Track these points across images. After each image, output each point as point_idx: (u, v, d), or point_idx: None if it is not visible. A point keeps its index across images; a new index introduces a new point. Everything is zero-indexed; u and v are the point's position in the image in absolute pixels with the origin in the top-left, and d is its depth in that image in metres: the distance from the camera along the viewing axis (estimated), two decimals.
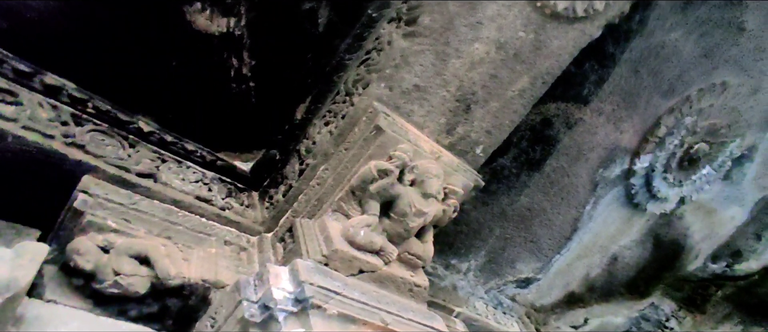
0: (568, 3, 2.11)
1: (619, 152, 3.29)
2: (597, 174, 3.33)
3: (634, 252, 4.08)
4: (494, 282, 3.63)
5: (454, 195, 2.21)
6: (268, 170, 2.42)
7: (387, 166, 2.01)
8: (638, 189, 3.54)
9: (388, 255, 2.07)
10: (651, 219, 3.86)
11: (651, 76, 2.93)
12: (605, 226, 3.74)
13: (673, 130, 3.28)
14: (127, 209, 1.87)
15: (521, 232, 3.44)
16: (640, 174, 3.44)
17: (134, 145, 2.09)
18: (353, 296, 1.87)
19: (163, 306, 1.87)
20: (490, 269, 3.53)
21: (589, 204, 3.49)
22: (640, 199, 3.60)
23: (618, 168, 3.37)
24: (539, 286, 3.88)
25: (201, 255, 1.96)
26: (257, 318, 1.68)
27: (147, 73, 2.14)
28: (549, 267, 3.78)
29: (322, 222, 2.06)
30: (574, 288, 4.04)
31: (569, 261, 3.86)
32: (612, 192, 3.53)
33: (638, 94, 3.02)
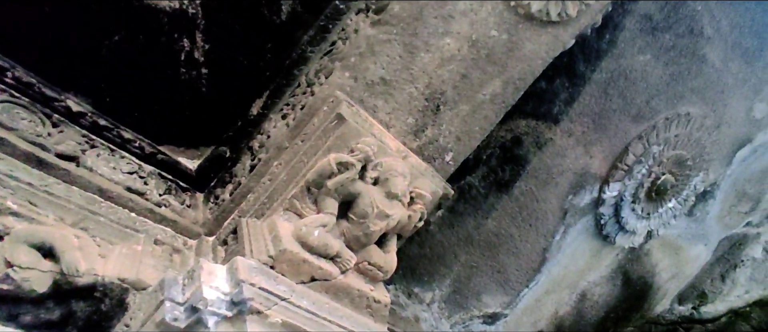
0: (542, 4, 2.04)
1: (589, 178, 3.21)
2: (567, 201, 3.22)
3: (603, 289, 3.94)
4: (459, 316, 3.38)
5: (421, 200, 2.01)
6: (216, 169, 2.18)
7: (348, 158, 1.80)
8: (607, 220, 3.44)
9: (344, 263, 1.82)
10: (620, 254, 3.76)
11: (620, 98, 2.91)
12: (574, 259, 3.60)
13: (641, 158, 3.24)
14: (37, 191, 1.58)
15: (488, 260, 3.25)
16: (610, 203, 3.36)
17: (58, 124, 1.82)
18: (302, 304, 1.60)
19: (68, 311, 1.54)
20: (455, 300, 3.29)
21: (558, 233, 3.36)
22: (609, 231, 3.50)
23: (588, 196, 3.27)
24: (507, 323, 3.64)
25: (123, 252, 1.66)
26: (182, 322, 1.39)
27: (85, 48, 1.90)
28: (517, 302, 3.56)
29: (272, 222, 1.81)
30: (542, 327, 3.83)
31: (538, 297, 3.67)
32: (582, 222, 3.41)
33: (608, 117, 2.97)
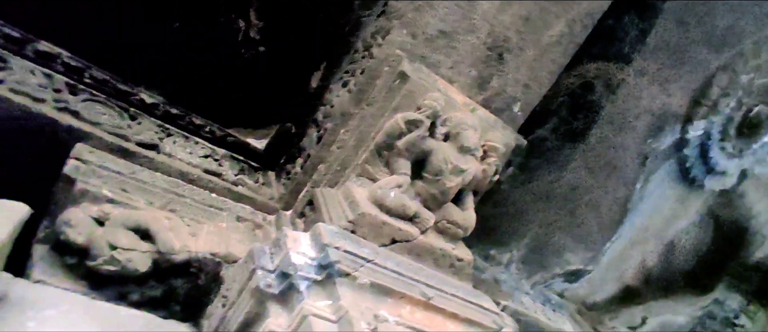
0: None
1: (669, 118, 2.96)
2: (646, 145, 3.00)
3: (692, 236, 3.66)
4: (540, 275, 3.27)
5: (494, 152, 1.93)
6: (284, 146, 2.20)
7: (416, 116, 1.76)
8: (693, 162, 3.18)
9: (423, 223, 1.79)
10: (710, 198, 3.47)
11: (698, 26, 2.64)
12: (659, 207, 3.36)
13: (728, 91, 2.95)
14: (126, 178, 1.66)
15: (567, 216, 3.10)
16: (694, 143, 3.09)
17: (136, 117, 1.90)
18: (387, 265, 1.59)
19: (169, 288, 1.62)
20: (534, 260, 3.18)
21: (639, 181, 3.14)
22: (696, 173, 3.23)
23: (669, 138, 3.03)
24: (590, 280, 3.48)
25: (210, 229, 1.72)
26: (275, 288, 1.41)
27: (148, 40, 1.97)
28: (600, 256, 3.39)
29: (346, 189, 1.80)
30: (628, 280, 3.63)
31: (622, 250, 3.47)
32: (664, 167, 3.17)
33: (685, 50, 2.72)
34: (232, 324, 1.44)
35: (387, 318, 1.44)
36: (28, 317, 1.34)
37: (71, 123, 1.65)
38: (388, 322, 1.43)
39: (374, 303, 1.46)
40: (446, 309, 1.64)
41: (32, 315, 1.35)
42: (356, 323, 1.33)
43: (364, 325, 1.35)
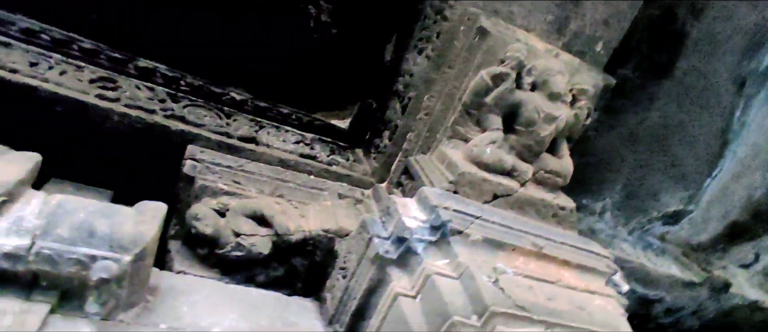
0: None
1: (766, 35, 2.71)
2: (741, 68, 2.77)
3: None
4: (637, 220, 3.13)
5: (584, 95, 1.87)
6: (368, 122, 2.25)
7: (501, 69, 1.73)
8: None
9: (522, 175, 1.78)
10: None
11: None
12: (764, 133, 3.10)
13: None
14: (236, 171, 1.78)
15: (659, 156, 2.94)
16: None
17: (230, 114, 2.02)
18: (494, 220, 1.60)
19: (290, 267, 1.73)
20: (630, 206, 3.05)
21: (737, 108, 2.91)
22: None
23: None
24: (692, 220, 3.30)
25: (317, 209, 1.81)
26: (392, 253, 1.47)
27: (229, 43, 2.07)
28: (700, 194, 3.20)
29: (440, 152, 1.82)
30: (735, 216, 3.39)
31: (724, 185, 3.24)
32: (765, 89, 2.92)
33: None
34: (355, 292, 1.52)
35: (505, 270, 1.45)
36: (181, 302, 1.49)
37: (181, 127, 1.79)
38: (507, 274, 1.45)
39: (489, 257, 1.48)
40: (558, 257, 1.63)
41: (183, 300, 1.50)
42: (478, 276, 1.36)
43: (485, 278, 1.38)
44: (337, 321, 1.56)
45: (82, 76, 1.77)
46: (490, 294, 1.33)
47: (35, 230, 1.20)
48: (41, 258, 1.20)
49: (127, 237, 1.27)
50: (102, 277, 1.23)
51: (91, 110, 1.68)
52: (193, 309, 1.48)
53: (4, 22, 1.76)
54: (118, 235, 1.27)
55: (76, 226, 1.24)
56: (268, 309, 1.61)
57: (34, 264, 1.20)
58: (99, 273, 1.22)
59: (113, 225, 1.28)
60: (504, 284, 1.39)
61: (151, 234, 1.30)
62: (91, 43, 1.87)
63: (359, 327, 1.50)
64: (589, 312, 1.49)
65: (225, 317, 1.50)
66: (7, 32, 1.75)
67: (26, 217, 1.21)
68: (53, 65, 1.74)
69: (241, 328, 1.48)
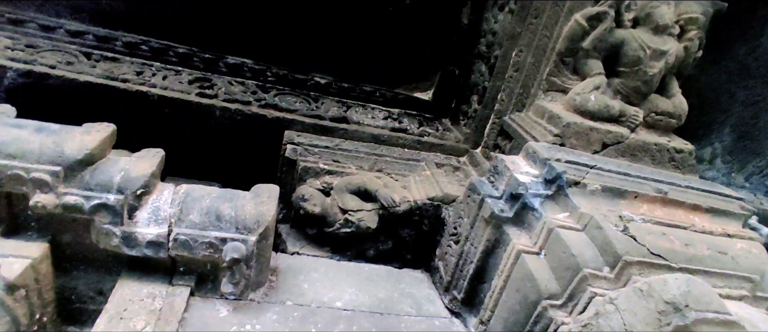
0: None
1: None
2: None
3: None
4: (754, 164, 2.84)
5: (693, 25, 1.70)
6: (452, 89, 2.20)
7: (597, 9, 1.61)
8: None
9: (631, 120, 1.65)
10: None
11: None
12: None
13: None
14: (334, 150, 1.80)
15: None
16: None
17: (317, 98, 2.05)
18: (610, 169, 1.50)
19: (398, 239, 1.73)
20: (744, 148, 2.77)
21: None
22: None
23: None
24: None
25: (417, 179, 1.79)
26: (508, 212, 1.42)
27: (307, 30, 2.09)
28: None
29: (538, 107, 1.74)
30: None
31: None
32: None
33: None
34: (471, 255, 1.49)
35: (632, 218, 1.36)
36: (301, 280, 1.54)
37: (276, 114, 1.83)
38: (635, 221, 1.35)
39: (612, 206, 1.39)
40: (686, 202, 1.50)
41: (303, 278, 1.55)
42: (606, 226, 1.27)
43: (612, 227, 1.29)
44: (455, 287, 1.54)
45: (181, 78, 1.86)
46: (622, 242, 1.25)
47: (171, 218, 1.28)
48: (179, 243, 1.27)
49: (250, 218, 1.32)
50: (234, 257, 1.28)
51: (195, 108, 1.76)
52: (313, 286, 1.52)
53: (109, 39, 1.90)
54: (241, 217, 1.32)
55: (204, 211, 1.31)
56: (382, 282, 1.63)
57: (173, 249, 1.28)
58: (231, 254, 1.28)
59: (236, 208, 1.33)
60: (634, 232, 1.29)
61: (271, 213, 1.35)
62: (185, 48, 1.97)
63: (479, 290, 1.47)
64: (732, 256, 1.36)
65: (344, 291, 1.53)
66: (113, 48, 1.88)
67: (161, 207, 1.29)
68: (155, 72, 1.85)
69: (361, 301, 1.50)
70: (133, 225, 1.25)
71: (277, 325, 1.33)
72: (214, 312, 1.33)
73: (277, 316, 1.36)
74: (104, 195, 1.23)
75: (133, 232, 1.25)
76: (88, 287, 1.36)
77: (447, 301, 1.56)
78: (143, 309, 1.22)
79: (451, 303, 1.54)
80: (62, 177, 1.22)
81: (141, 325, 1.17)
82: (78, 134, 1.28)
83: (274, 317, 1.35)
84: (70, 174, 1.22)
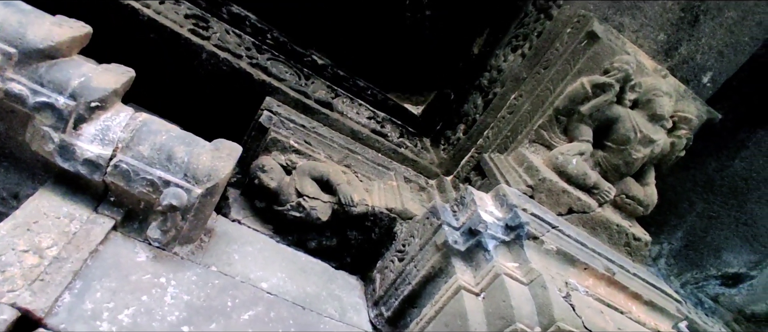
0: None
1: None
2: None
3: None
4: (692, 274, 2.94)
5: (686, 124, 1.74)
6: (442, 112, 2.18)
7: (604, 79, 1.62)
8: None
9: (603, 195, 1.66)
10: None
11: None
12: None
13: None
14: (309, 132, 1.74)
15: (732, 210, 2.74)
16: None
17: (309, 76, 1.98)
18: (570, 234, 1.49)
19: (343, 239, 1.67)
20: (687, 256, 2.86)
21: None
22: None
23: None
24: (752, 287, 3.07)
25: (382, 186, 1.75)
26: (461, 245, 1.39)
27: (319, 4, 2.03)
28: None
29: (519, 154, 1.73)
30: None
31: None
32: None
33: None
34: (412, 277, 1.45)
35: (577, 287, 1.35)
36: (234, 249, 1.46)
37: (263, 78, 1.76)
38: (578, 292, 1.35)
39: (561, 271, 1.38)
40: (629, 288, 1.51)
41: (236, 248, 1.47)
42: (551, 287, 1.26)
43: (556, 291, 1.28)
44: (385, 304, 1.49)
45: (178, 9, 1.77)
46: (561, 309, 1.23)
47: (119, 142, 1.19)
48: (118, 171, 1.18)
49: (203, 169, 1.24)
50: (171, 204, 1.20)
51: (183, 43, 1.67)
52: (244, 259, 1.44)
53: None
54: (194, 165, 1.24)
55: (157, 147, 1.22)
56: (314, 277, 1.56)
57: (111, 176, 1.18)
58: (169, 199, 1.19)
59: (191, 155, 1.25)
60: (575, 302, 1.28)
61: (226, 171, 1.27)
62: None
63: (408, 313, 1.43)
64: None
65: (273, 274, 1.46)
66: None
67: (113, 128, 1.19)
68: None
69: (287, 289, 1.43)
70: (76, 137, 1.15)
71: (193, 287, 1.24)
72: (132, 253, 1.23)
73: (196, 278, 1.27)
74: (54, 96, 1.13)
75: (72, 144, 1.15)
76: (4, 186, 1.25)
77: (373, 315, 1.51)
78: (56, 228, 1.11)
79: (376, 318, 1.49)
80: (15, 62, 1.11)
81: (47, 243, 1.07)
82: (48, 22, 1.18)
83: (194, 278, 1.27)
84: (25, 61, 1.12)
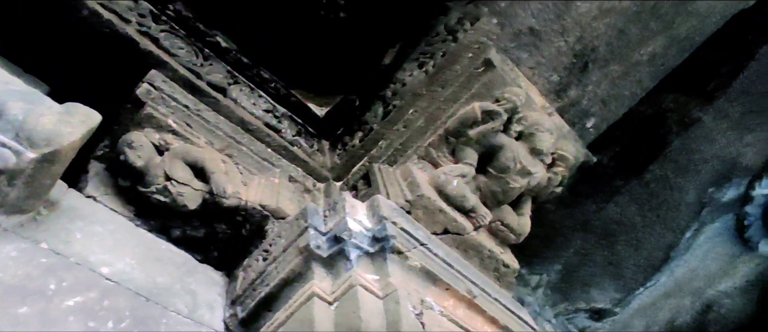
0: None
1: (738, 171, 2.80)
2: (706, 193, 2.84)
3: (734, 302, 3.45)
4: (564, 306, 3.13)
5: (563, 162, 1.84)
6: (344, 116, 2.15)
7: (495, 107, 1.68)
8: (753, 222, 3.00)
9: (479, 219, 1.70)
10: (762, 264, 3.27)
11: None
12: (704, 262, 3.18)
13: None
14: (192, 114, 1.63)
15: (603, 250, 2.96)
16: (759, 202, 2.92)
17: (208, 57, 1.87)
18: (438, 253, 1.51)
19: (211, 232, 1.57)
20: (562, 289, 3.04)
21: (690, 230, 2.98)
22: (752, 234, 3.05)
23: (733, 191, 2.86)
24: (615, 322, 3.32)
25: (262, 182, 1.68)
26: (324, 250, 1.35)
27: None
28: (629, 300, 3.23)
29: (406, 169, 1.74)
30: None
31: (654, 299, 3.29)
32: (720, 221, 3.00)
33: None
34: (271, 279, 1.39)
35: (432, 306, 1.36)
36: (77, 227, 1.32)
37: (151, 48, 1.63)
38: (433, 311, 1.36)
39: (421, 288, 1.39)
40: (487, 312, 1.55)
41: (81, 226, 1.33)
42: (403, 303, 1.25)
43: (410, 307, 1.28)
44: (241, 304, 1.42)
45: None
46: (410, 325, 1.23)
47: None
48: None
49: (41, 132, 1.11)
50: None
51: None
52: (88, 239, 1.31)
53: None
54: (30, 126, 1.10)
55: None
56: (171, 267, 1.45)
57: None
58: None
59: (29, 113, 1.11)
60: (427, 321, 1.29)
61: (71, 138, 1.14)
62: None
63: (262, 317, 1.36)
64: None
65: (120, 260, 1.33)
66: None
67: None
68: None
69: (133, 277, 1.31)
70: None
71: (10, 264, 1.10)
72: None
73: (17, 254, 1.13)
74: None
75: None
76: None
77: (228, 315, 1.43)
78: None
79: (230, 318, 1.42)
80: None
81: None
82: None
83: (14, 254, 1.13)
84: None
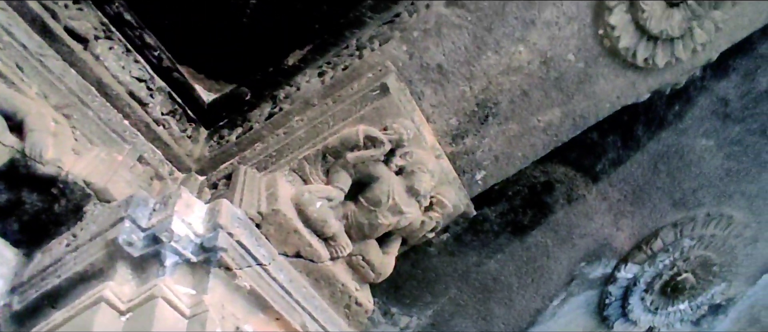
0: (632, 42, 1.84)
1: (609, 251, 2.96)
2: (578, 267, 2.97)
3: None
4: None
5: (440, 208, 1.78)
6: (230, 108, 1.96)
7: (379, 135, 1.58)
8: (613, 301, 3.18)
9: (338, 249, 1.58)
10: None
11: (668, 177, 2.67)
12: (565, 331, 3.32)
13: (669, 248, 2.99)
14: (29, 56, 1.37)
15: (477, 304, 2.98)
16: (621, 284, 3.10)
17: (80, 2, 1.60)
18: (278, 278, 1.36)
19: (16, 199, 1.31)
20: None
21: (558, 298, 3.09)
22: (610, 313, 3.23)
23: (601, 269, 3.02)
24: None
25: (100, 156, 1.44)
26: (136, 249, 1.15)
27: None
28: None
29: (273, 178, 1.58)
30: None
31: None
32: (585, 295, 3.15)
33: (649, 193, 2.74)
34: (65, 270, 1.16)
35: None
36: None
37: None
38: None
39: (243, 314, 1.23)
40: None
41: None
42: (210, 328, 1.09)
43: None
44: (21, 294, 1.17)
45: None
46: None
47: None
48: None
49: None
50: None
51: None
52: None
53: None
54: None
55: None
56: None
57: None
58: None
59: None
60: None
61: None
62: None
63: (42, 313, 1.13)
64: None
65: None
66: None
67: None
68: None
69: None
70: None
71: None
72: None
73: None
74: None
75: None
76: None
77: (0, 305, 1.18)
78: None
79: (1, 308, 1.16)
80: None
81: None
82: None
83: None
84: None
